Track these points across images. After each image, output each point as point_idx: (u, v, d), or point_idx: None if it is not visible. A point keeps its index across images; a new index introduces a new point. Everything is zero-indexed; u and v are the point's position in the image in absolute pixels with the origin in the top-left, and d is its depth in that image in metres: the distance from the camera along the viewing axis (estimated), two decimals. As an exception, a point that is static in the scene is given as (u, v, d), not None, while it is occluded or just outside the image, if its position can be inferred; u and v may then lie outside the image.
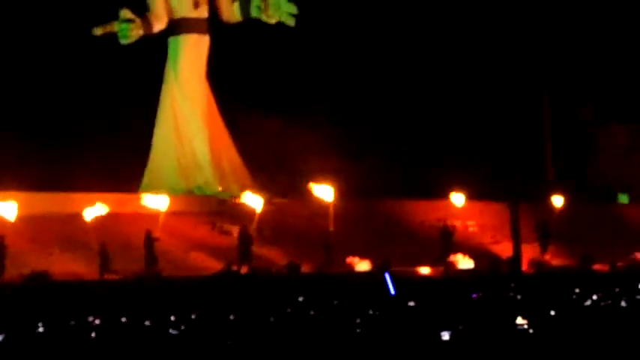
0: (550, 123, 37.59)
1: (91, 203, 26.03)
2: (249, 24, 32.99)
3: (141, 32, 31.43)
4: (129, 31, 31.16)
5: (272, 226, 28.49)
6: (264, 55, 35.13)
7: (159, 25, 31.93)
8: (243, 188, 31.73)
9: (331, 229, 27.45)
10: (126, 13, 31.21)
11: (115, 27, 31.12)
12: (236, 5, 32.60)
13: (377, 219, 29.59)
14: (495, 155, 33.98)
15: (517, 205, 27.39)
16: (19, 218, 24.96)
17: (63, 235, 25.32)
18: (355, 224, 28.79)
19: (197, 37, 32.49)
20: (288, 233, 28.34)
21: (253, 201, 28.51)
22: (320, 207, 28.61)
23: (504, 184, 30.53)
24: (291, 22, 31.86)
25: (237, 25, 32.98)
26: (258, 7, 32.22)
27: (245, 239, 26.63)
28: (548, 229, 28.49)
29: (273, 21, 32.16)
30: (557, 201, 30.50)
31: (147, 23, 31.54)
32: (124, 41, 31.21)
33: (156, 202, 27.56)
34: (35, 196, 26.93)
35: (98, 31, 30.92)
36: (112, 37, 31.51)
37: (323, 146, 34.79)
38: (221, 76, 33.13)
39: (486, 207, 30.66)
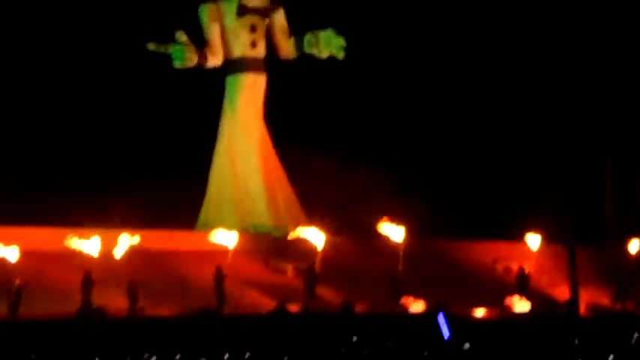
0: (610, 163, 37.23)
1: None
2: (308, 62, 33.25)
3: (195, 60, 31.38)
4: (183, 53, 31.14)
5: (325, 264, 28.42)
6: (322, 91, 35.26)
7: (214, 61, 32.03)
8: (297, 226, 31.77)
9: (400, 268, 27.25)
10: (181, 36, 31.23)
11: (170, 49, 31.06)
12: (292, 41, 32.87)
13: (431, 258, 29.39)
14: (555, 195, 33.67)
15: (575, 246, 27.02)
16: (58, 253, 24.97)
17: (107, 271, 25.32)
18: (411, 263, 28.61)
19: (254, 76, 32.63)
20: (342, 271, 28.23)
21: (315, 237, 28.31)
22: (379, 245, 28.52)
23: (562, 225, 30.15)
24: (341, 54, 32.12)
25: (295, 62, 33.24)
26: (310, 43, 32.51)
27: (310, 277, 26.57)
28: (624, 274, 28.00)
29: (324, 55, 32.38)
30: (634, 246, 29.90)
31: (202, 55, 31.69)
32: (177, 63, 31.13)
33: (224, 238, 27.78)
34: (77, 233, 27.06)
35: (152, 47, 30.92)
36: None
37: (379, 184, 34.74)
38: (277, 113, 33.28)
39: (545, 248, 30.33)
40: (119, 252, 24.65)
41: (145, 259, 25.55)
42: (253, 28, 34.11)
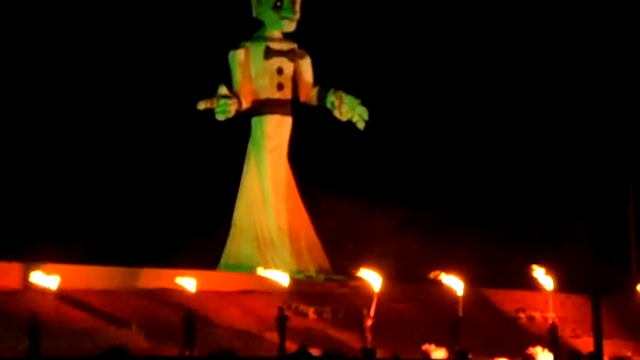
0: (633, 217, 36.94)
1: (174, 278, 26.31)
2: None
3: (234, 110, 32.05)
4: (227, 106, 31.83)
5: (347, 308, 28.26)
6: (346, 137, 35.21)
7: (246, 105, 32.54)
8: (319, 269, 31.69)
9: (460, 314, 26.97)
10: (223, 89, 31.79)
11: (214, 102, 31.69)
12: (315, 90, 33.15)
13: (451, 307, 29.09)
14: (579, 247, 33.47)
15: (600, 297, 26.72)
16: (100, 292, 25.07)
17: (142, 310, 25.34)
18: (433, 310, 28.43)
19: (280, 118, 32.86)
20: (362, 316, 27.98)
21: (372, 279, 27.80)
22: (398, 292, 28.35)
23: (587, 276, 29.86)
24: (361, 125, 32.53)
25: (317, 108, 33.45)
26: (332, 103, 32.81)
27: (364, 321, 26.36)
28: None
29: (344, 119, 32.78)
30: None
31: (239, 103, 32.18)
32: (221, 117, 31.81)
33: (276, 277, 27.99)
34: (113, 271, 27.18)
35: (202, 106, 31.60)
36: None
37: (399, 229, 34.66)
38: (302, 156, 33.32)
39: (568, 299, 30.07)
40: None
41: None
42: (280, 71, 34.30)
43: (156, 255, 30.59)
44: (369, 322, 26.35)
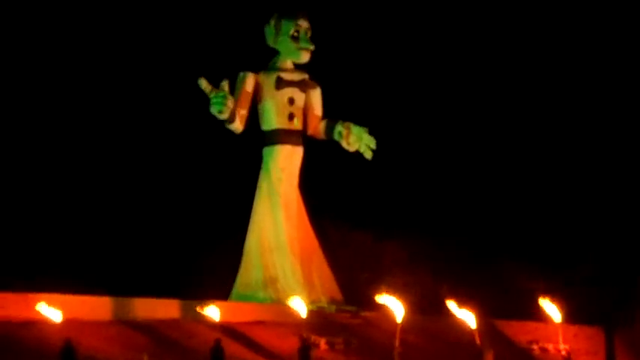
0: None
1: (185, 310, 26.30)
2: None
3: (228, 113, 31.42)
4: (225, 102, 31.26)
5: (360, 339, 28.18)
6: (357, 168, 35.24)
7: (237, 125, 31.91)
8: (331, 300, 31.59)
9: (479, 345, 26.85)
10: (225, 86, 31.46)
11: (213, 93, 31.09)
12: (322, 124, 33.10)
13: (464, 338, 28.99)
14: (591, 278, 33.38)
15: (613, 329, 26.57)
16: (110, 323, 25.02)
17: (155, 342, 25.28)
18: (446, 341, 28.32)
19: (291, 148, 32.80)
20: (375, 346, 27.93)
21: (396, 309, 27.52)
22: (410, 323, 28.22)
23: (600, 307, 29.74)
24: (368, 155, 32.42)
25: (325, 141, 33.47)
26: (340, 133, 32.72)
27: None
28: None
29: (352, 149, 32.65)
30: None
31: (233, 114, 31.84)
32: (215, 109, 31.18)
33: (296, 307, 28.30)
34: (124, 302, 27.14)
35: (203, 84, 31.16)
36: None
37: (411, 260, 34.60)
38: (313, 187, 33.29)
39: (581, 330, 29.89)
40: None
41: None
42: (291, 101, 34.26)
43: (163, 285, 30.58)
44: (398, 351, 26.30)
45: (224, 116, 31.33)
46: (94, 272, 31.32)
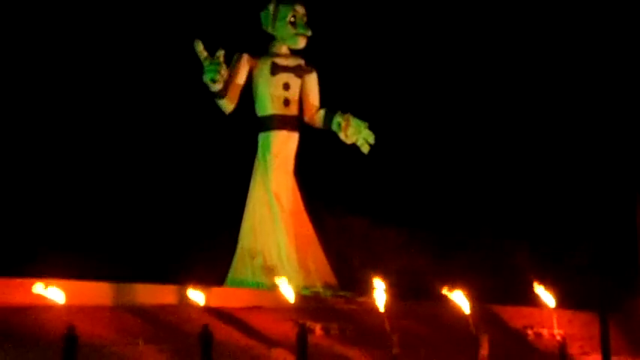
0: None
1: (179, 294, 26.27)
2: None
3: (220, 85, 31.16)
4: (219, 70, 30.99)
5: (355, 324, 28.13)
6: (353, 153, 35.25)
7: (228, 103, 31.72)
8: (326, 285, 31.57)
9: (473, 333, 26.87)
10: (221, 56, 31.19)
11: (208, 61, 30.84)
12: (320, 113, 32.94)
13: (461, 321, 28.97)
14: (586, 264, 33.44)
15: (608, 314, 26.59)
16: (107, 308, 24.99)
17: (150, 326, 25.25)
18: (440, 325, 28.29)
19: (286, 134, 32.72)
20: (370, 332, 27.89)
21: (380, 300, 27.62)
22: (403, 309, 28.21)
23: (595, 293, 29.77)
24: (365, 149, 32.25)
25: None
26: (339, 124, 32.57)
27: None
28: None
29: (349, 142, 32.49)
30: None
31: (225, 87, 31.59)
32: (208, 77, 30.93)
33: (283, 292, 28.00)
34: (122, 287, 27.14)
35: (199, 47, 30.93)
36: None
37: (405, 246, 34.59)
38: (308, 173, 33.25)
39: (575, 316, 29.91)
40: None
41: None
42: (286, 87, 34.13)
43: (160, 271, 30.58)
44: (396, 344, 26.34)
45: (217, 87, 31.11)
46: (93, 258, 31.31)
